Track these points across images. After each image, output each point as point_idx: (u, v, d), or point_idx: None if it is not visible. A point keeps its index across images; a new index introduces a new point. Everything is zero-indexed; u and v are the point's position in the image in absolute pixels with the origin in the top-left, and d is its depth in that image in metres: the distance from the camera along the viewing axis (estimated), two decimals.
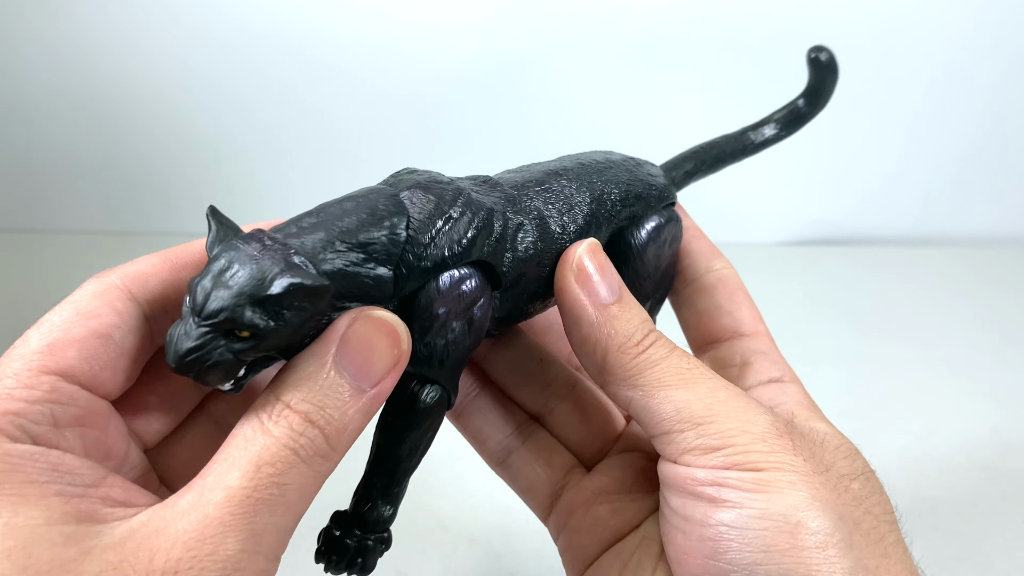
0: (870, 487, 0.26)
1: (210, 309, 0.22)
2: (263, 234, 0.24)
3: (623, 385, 0.27)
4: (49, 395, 0.22)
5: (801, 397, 0.30)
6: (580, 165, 0.32)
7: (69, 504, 0.20)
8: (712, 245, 0.35)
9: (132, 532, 0.20)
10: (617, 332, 0.27)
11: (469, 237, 0.27)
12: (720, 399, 0.26)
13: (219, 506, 0.21)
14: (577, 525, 0.32)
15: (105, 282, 0.24)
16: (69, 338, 0.22)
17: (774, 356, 0.32)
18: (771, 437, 0.26)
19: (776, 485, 0.24)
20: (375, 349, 0.24)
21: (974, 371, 0.70)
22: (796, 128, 0.38)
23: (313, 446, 0.22)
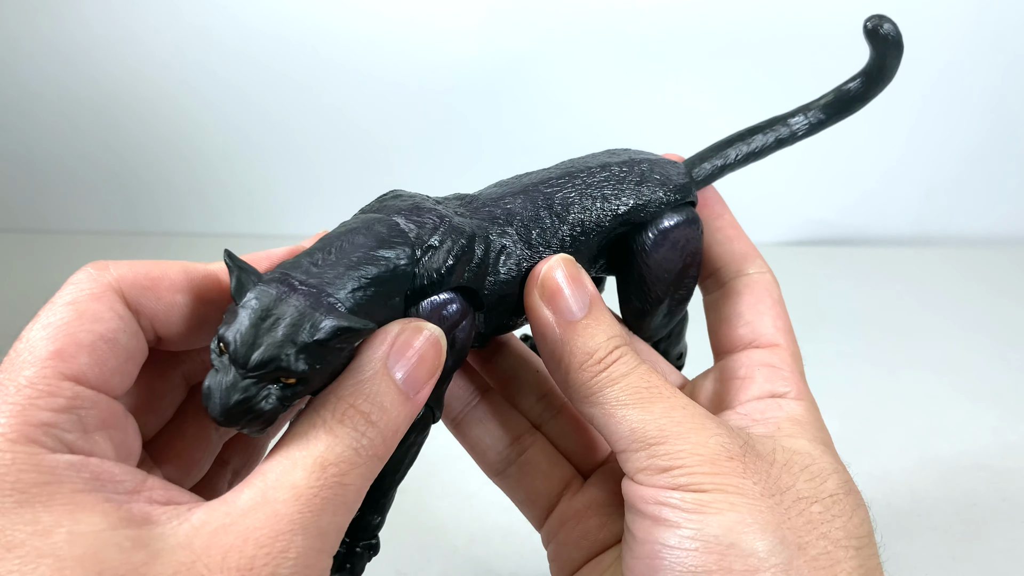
0: (836, 510, 0.25)
1: (257, 360, 0.22)
2: (288, 276, 0.24)
3: (584, 402, 0.28)
4: (73, 401, 0.21)
5: (799, 413, 0.29)
6: (568, 173, 0.32)
7: (122, 510, 0.20)
8: (751, 247, 0.34)
9: (196, 531, 0.20)
10: (579, 349, 0.27)
11: (448, 265, 0.27)
12: (674, 419, 0.26)
13: (288, 504, 0.21)
14: (566, 538, 0.32)
15: (102, 282, 0.24)
16: (77, 343, 0.22)
17: (785, 370, 0.31)
18: (720, 459, 0.25)
19: (715, 506, 0.24)
20: (424, 360, 0.25)
21: (974, 371, 0.70)
22: (848, 113, 0.35)
23: (372, 447, 0.23)
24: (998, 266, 0.91)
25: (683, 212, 0.32)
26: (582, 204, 0.31)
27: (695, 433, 0.26)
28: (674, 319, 0.35)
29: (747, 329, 0.32)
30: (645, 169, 0.32)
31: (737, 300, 0.33)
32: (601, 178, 0.32)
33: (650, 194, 0.32)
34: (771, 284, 0.33)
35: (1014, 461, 0.58)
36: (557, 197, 0.31)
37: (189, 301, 0.25)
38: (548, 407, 0.34)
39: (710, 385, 0.33)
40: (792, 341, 0.32)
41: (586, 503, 0.32)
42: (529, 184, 0.31)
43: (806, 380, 0.31)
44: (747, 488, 0.25)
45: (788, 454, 0.27)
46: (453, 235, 0.27)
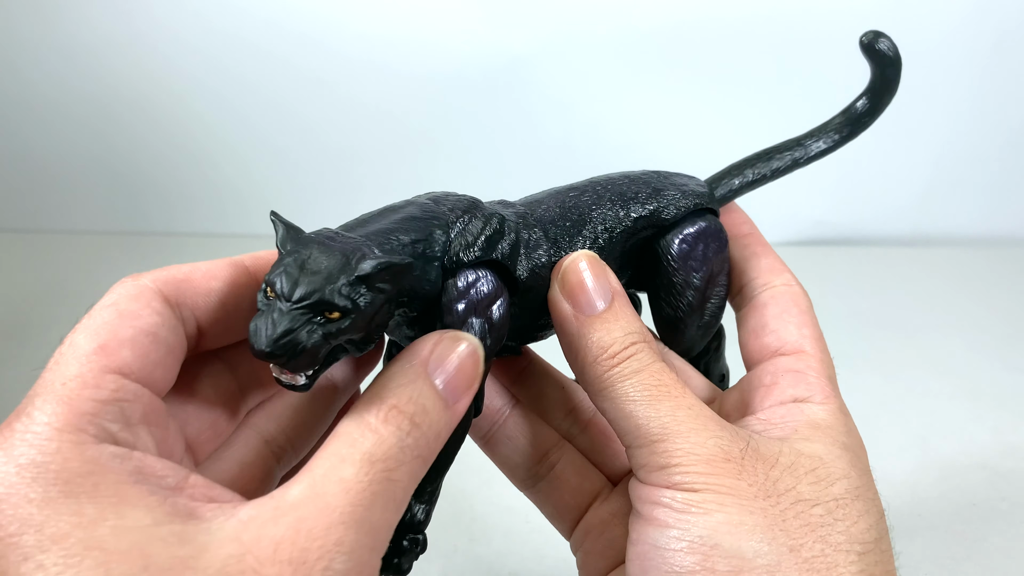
0: (840, 514, 0.25)
1: (301, 292, 0.22)
2: (330, 230, 0.25)
3: (597, 396, 0.28)
4: (116, 393, 0.21)
5: (821, 416, 0.28)
6: (591, 183, 0.33)
7: (167, 504, 0.20)
8: (777, 261, 0.34)
9: (244, 525, 0.20)
10: (594, 343, 0.28)
11: (484, 238, 0.28)
12: (678, 418, 0.26)
13: (338, 496, 0.21)
14: (591, 547, 0.32)
15: (139, 285, 0.24)
16: (120, 338, 0.22)
17: (811, 376, 0.30)
18: (716, 459, 0.25)
19: (704, 506, 0.24)
20: (463, 369, 0.25)
21: (974, 371, 0.70)
22: (860, 131, 0.36)
23: (417, 447, 0.23)
24: (998, 266, 0.91)
25: (705, 218, 0.33)
26: (604, 207, 0.32)
27: (695, 433, 0.26)
28: (710, 331, 0.35)
29: (773, 338, 0.32)
30: (665, 178, 0.34)
31: (763, 311, 0.33)
32: (622, 184, 0.33)
33: (669, 198, 0.33)
34: (799, 295, 0.33)
35: (1014, 461, 0.58)
36: (582, 199, 0.32)
37: (223, 287, 0.25)
38: (576, 421, 0.35)
39: (736, 395, 0.32)
40: (821, 348, 0.31)
41: (612, 512, 0.32)
42: (554, 192, 0.33)
43: (836, 385, 0.31)
44: (740, 488, 0.25)
45: (794, 456, 0.26)
46: (485, 214, 0.28)
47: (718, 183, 0.36)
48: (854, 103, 0.35)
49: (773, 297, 0.33)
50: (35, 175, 0.99)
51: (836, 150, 0.36)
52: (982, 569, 0.49)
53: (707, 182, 0.35)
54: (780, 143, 0.36)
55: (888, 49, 0.34)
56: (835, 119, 0.36)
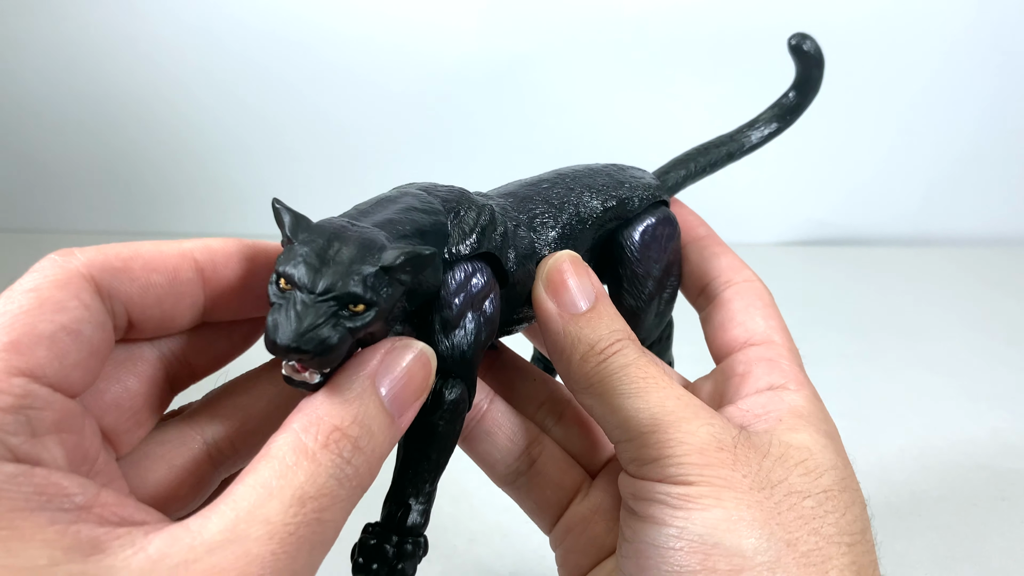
0: (830, 506, 0.25)
1: (326, 284, 0.21)
2: (337, 219, 0.24)
3: (584, 393, 0.28)
4: (22, 400, 0.19)
5: (800, 404, 0.29)
6: (558, 175, 0.34)
7: (67, 535, 0.18)
8: (736, 259, 0.35)
9: (153, 565, 0.18)
10: (580, 341, 0.28)
11: (480, 229, 0.28)
12: (667, 409, 0.26)
13: (260, 542, 0.19)
14: (573, 544, 0.32)
15: (68, 269, 0.21)
16: (36, 334, 0.19)
17: (782, 364, 0.30)
18: (709, 449, 0.25)
19: (702, 501, 0.24)
20: (413, 379, 0.23)
21: (974, 371, 0.70)
22: (791, 121, 0.38)
23: (358, 476, 0.21)
24: (998, 266, 0.91)
25: (660, 210, 0.35)
26: (575, 197, 0.33)
27: (686, 422, 0.26)
28: (664, 319, 0.36)
29: (740, 330, 0.32)
30: (622, 171, 0.35)
31: (728, 306, 0.33)
32: (588, 177, 0.34)
33: (632, 189, 0.34)
34: (761, 290, 0.33)
35: (1014, 461, 0.58)
36: (554, 191, 0.32)
37: (164, 281, 0.23)
38: (550, 413, 0.34)
39: (710, 386, 0.32)
40: (787, 338, 0.32)
41: (592, 508, 0.32)
42: (524, 184, 0.33)
43: (805, 373, 0.31)
44: (736, 481, 0.24)
45: (784, 448, 0.26)
46: (476, 206, 0.28)
47: (665, 176, 0.37)
48: (782, 98, 0.38)
49: (737, 293, 0.33)
50: (35, 175, 0.99)
51: (769, 141, 0.38)
52: (982, 569, 0.49)
53: (655, 175, 0.37)
54: (717, 137, 0.38)
55: (812, 50, 0.36)
56: (765, 113, 0.38)
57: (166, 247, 0.23)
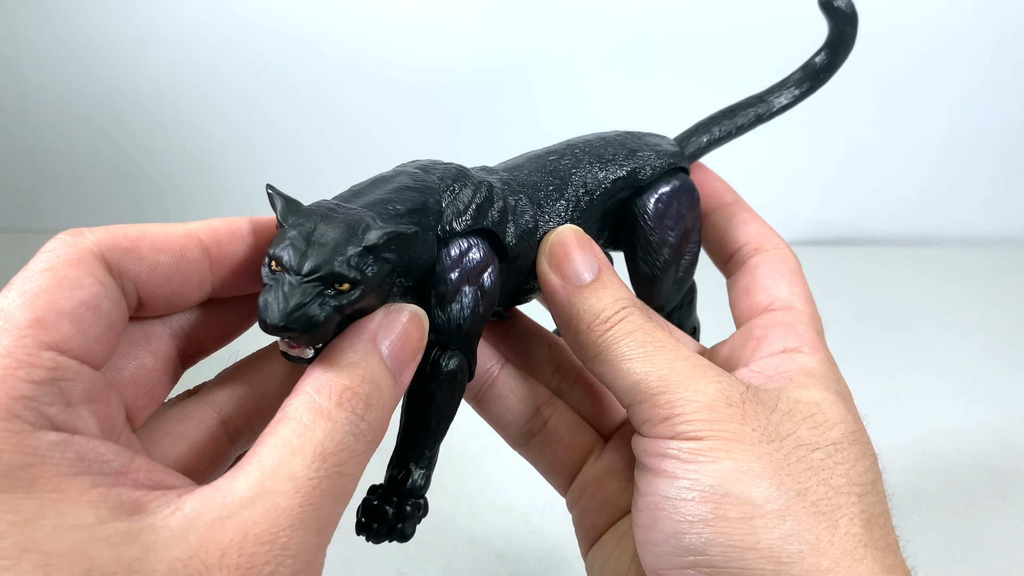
0: (839, 457, 0.26)
1: (311, 265, 0.22)
2: (329, 202, 0.25)
3: (593, 362, 0.28)
4: (53, 373, 0.20)
5: (811, 365, 0.29)
6: (567, 146, 0.34)
7: (110, 496, 0.19)
8: (765, 226, 0.35)
9: (191, 522, 0.19)
10: (586, 311, 0.28)
11: (475, 206, 0.28)
12: (676, 369, 0.27)
13: (288, 496, 0.20)
14: (587, 504, 0.32)
15: (80, 248, 0.22)
16: (59, 310, 0.20)
17: (799, 328, 0.31)
18: (718, 405, 0.26)
19: (712, 454, 0.25)
20: (410, 338, 0.25)
21: (974, 371, 0.70)
22: (822, 81, 0.37)
23: (371, 431, 0.22)
24: (998, 266, 0.91)
25: (678, 177, 0.34)
26: (583, 169, 0.32)
27: (694, 381, 0.26)
28: (683, 286, 0.36)
29: (763, 295, 0.33)
30: (638, 139, 0.35)
31: (754, 272, 0.34)
32: (598, 147, 0.33)
33: (644, 158, 0.34)
34: (788, 257, 0.34)
35: (1014, 461, 0.58)
36: (562, 163, 0.32)
37: (172, 260, 0.24)
38: (564, 378, 0.35)
39: (727, 350, 0.33)
40: (810, 305, 0.32)
41: (605, 468, 0.32)
42: (532, 156, 0.33)
43: (824, 340, 0.31)
44: (744, 434, 0.25)
45: (792, 403, 0.27)
46: (472, 183, 0.29)
47: (687, 141, 0.37)
48: (813, 58, 0.36)
49: (765, 259, 0.34)
50: (35, 175, 0.99)
51: (797, 104, 0.37)
52: (982, 569, 0.49)
53: (676, 140, 0.36)
54: (743, 100, 0.37)
55: (844, 5, 0.35)
56: (795, 74, 0.37)
57: (171, 228, 0.25)
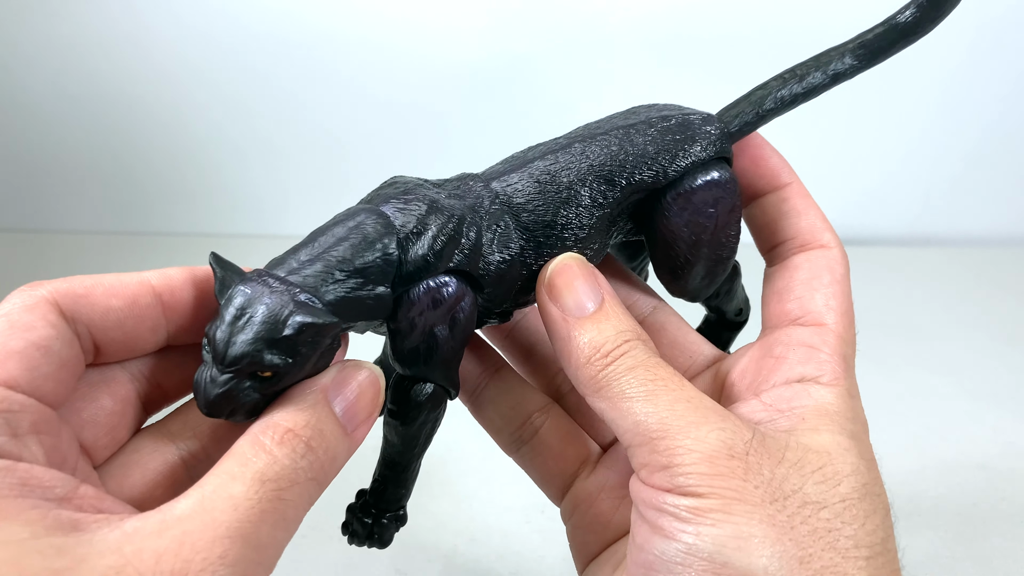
0: (847, 516, 0.24)
1: (232, 356, 0.23)
2: (266, 275, 0.25)
3: (593, 397, 0.27)
4: (1, 404, 0.21)
5: (828, 401, 0.27)
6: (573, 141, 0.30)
7: (48, 517, 0.20)
8: (818, 219, 0.32)
9: (128, 536, 0.20)
10: (586, 344, 0.27)
11: (435, 250, 0.27)
12: (677, 412, 0.25)
13: (226, 512, 0.21)
14: (579, 521, 0.32)
15: (35, 295, 0.23)
16: (8, 350, 0.22)
17: (824, 352, 0.28)
18: (720, 458, 0.24)
19: (711, 516, 0.23)
20: (363, 397, 0.25)
21: (974, 371, 0.70)
22: (899, 47, 0.31)
23: (311, 470, 0.23)
24: (998, 266, 0.91)
25: (710, 170, 0.30)
26: (587, 182, 0.29)
27: (696, 428, 0.25)
28: (716, 279, 0.33)
29: (795, 304, 0.30)
30: (666, 123, 0.30)
31: (793, 274, 0.31)
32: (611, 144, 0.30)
33: (670, 157, 0.30)
34: (835, 261, 0.31)
35: (1014, 461, 0.58)
36: (562, 175, 0.29)
37: (124, 305, 0.25)
38: (565, 380, 0.34)
39: (744, 362, 0.31)
40: (845, 323, 0.30)
41: (598, 485, 0.32)
42: (532, 158, 0.30)
43: (852, 365, 0.29)
44: (747, 492, 0.24)
45: (801, 452, 0.25)
46: (440, 219, 0.27)
47: (735, 114, 0.31)
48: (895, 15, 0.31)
49: (807, 260, 0.31)
50: (35, 175, 0.99)
51: (865, 70, 0.32)
52: (982, 569, 0.48)
53: (720, 113, 0.32)
54: (801, 63, 0.32)
55: None
56: (870, 31, 0.31)
57: (126, 277, 0.26)
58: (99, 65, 0.91)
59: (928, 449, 0.59)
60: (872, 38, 0.31)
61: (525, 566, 0.49)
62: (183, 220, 1.00)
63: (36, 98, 0.94)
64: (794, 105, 0.32)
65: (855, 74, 0.32)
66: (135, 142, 0.96)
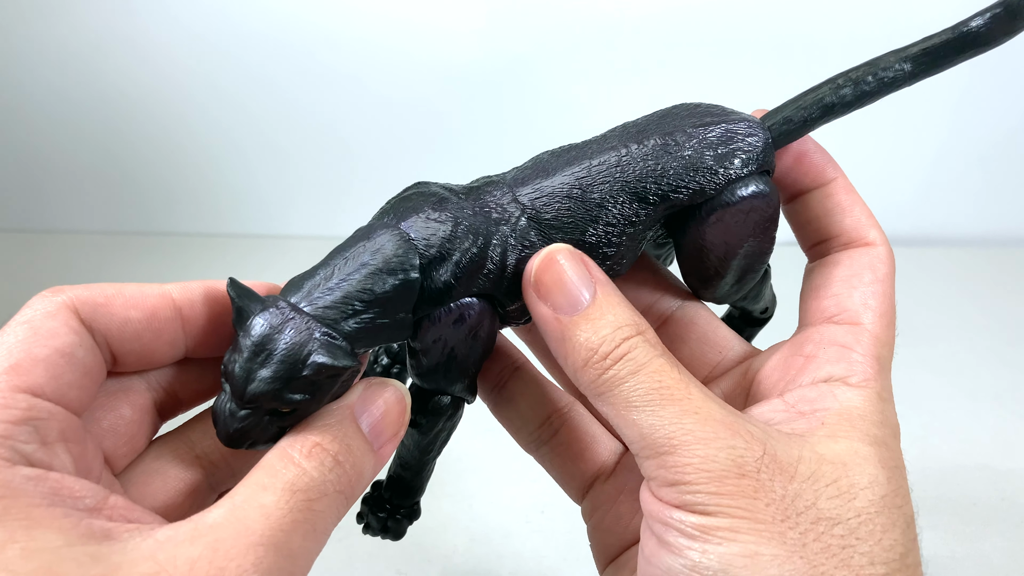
0: (863, 532, 0.23)
1: (251, 394, 0.23)
2: (285, 305, 0.24)
3: (596, 401, 0.26)
4: (28, 412, 0.21)
5: (853, 404, 0.26)
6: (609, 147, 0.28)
7: (81, 525, 0.20)
8: (864, 215, 0.30)
9: (160, 545, 0.20)
10: (581, 346, 0.25)
11: (457, 277, 0.26)
12: (684, 427, 0.24)
13: (258, 521, 0.21)
14: (599, 522, 0.31)
15: (56, 302, 0.23)
16: (33, 357, 0.22)
17: (856, 352, 0.27)
18: (729, 477, 0.23)
19: (719, 534, 0.23)
20: (389, 415, 0.26)
21: (974, 371, 0.70)
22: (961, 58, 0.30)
23: (339, 482, 0.23)
24: (998, 266, 0.91)
25: (750, 184, 0.28)
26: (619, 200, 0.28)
27: (704, 444, 0.23)
28: (744, 287, 0.32)
29: (832, 301, 0.29)
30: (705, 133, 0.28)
31: (832, 270, 0.29)
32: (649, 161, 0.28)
33: (709, 173, 0.28)
34: (880, 259, 0.29)
35: (1014, 461, 0.58)
36: (593, 194, 0.27)
37: (142, 318, 0.25)
38: None
39: (774, 360, 0.29)
40: (883, 324, 0.28)
41: (618, 487, 0.31)
42: (563, 165, 0.28)
43: (887, 367, 0.28)
44: (757, 510, 0.23)
45: (815, 464, 0.24)
46: (465, 243, 0.26)
47: (782, 118, 0.29)
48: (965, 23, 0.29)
49: (849, 257, 0.30)
50: (35, 175, 0.99)
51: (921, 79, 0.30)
52: (982, 569, 0.48)
53: (766, 118, 0.29)
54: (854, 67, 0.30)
55: None
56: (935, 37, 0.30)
57: (148, 288, 0.26)
58: (99, 65, 0.91)
59: (928, 449, 0.59)
60: (938, 45, 0.29)
61: (525, 566, 0.49)
62: (183, 220, 0.99)
63: (36, 98, 0.94)
64: (845, 112, 0.30)
65: (912, 82, 0.30)
66: (135, 142, 0.96)
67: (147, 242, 0.97)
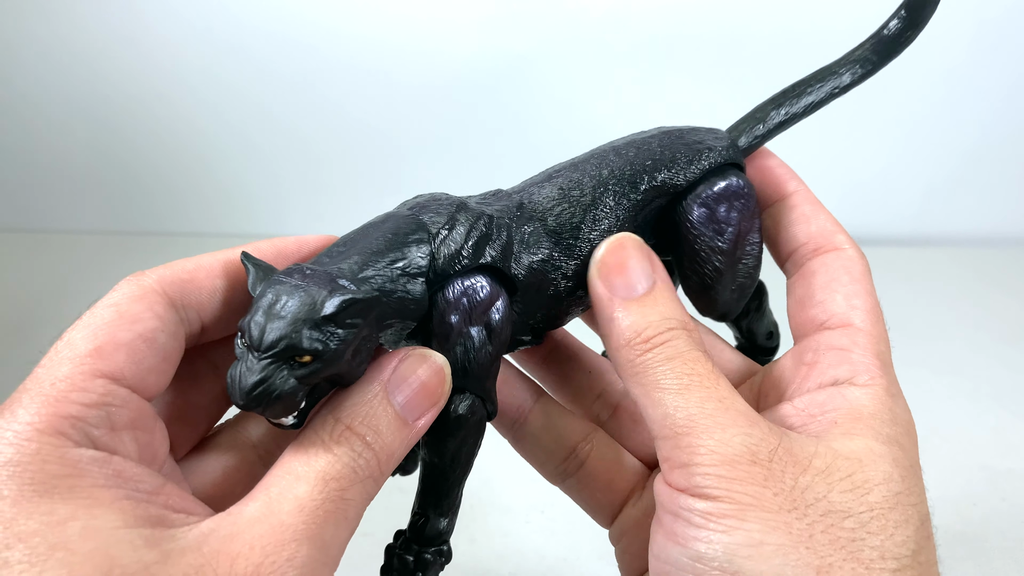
0: (874, 526, 0.23)
1: (269, 340, 0.22)
2: (301, 266, 0.25)
3: (629, 381, 0.27)
4: (103, 398, 0.22)
5: (863, 403, 0.26)
6: (593, 155, 0.31)
7: (138, 508, 0.21)
8: (829, 221, 0.32)
9: (205, 537, 0.21)
10: (628, 328, 0.26)
11: (472, 244, 0.27)
12: (706, 411, 0.24)
13: (292, 515, 0.21)
14: (628, 546, 0.31)
15: (143, 285, 0.24)
16: (116, 341, 0.22)
17: (855, 352, 0.28)
18: (740, 462, 0.23)
19: (723, 522, 0.23)
20: (424, 386, 0.25)
21: (974, 371, 0.70)
22: (889, 58, 0.33)
23: (369, 467, 0.24)
24: (998, 266, 0.91)
25: (727, 176, 0.31)
26: (608, 185, 0.30)
27: (722, 429, 0.24)
28: (745, 292, 0.33)
29: (819, 310, 0.29)
30: (677, 139, 0.32)
31: (811, 280, 0.30)
32: (627, 155, 0.31)
33: (682, 162, 0.31)
34: (851, 261, 0.30)
35: (1014, 461, 0.58)
36: (584, 181, 0.30)
37: (227, 284, 0.26)
38: (605, 405, 0.34)
39: (779, 371, 0.30)
40: (872, 320, 0.29)
41: (644, 512, 0.31)
42: (554, 172, 0.31)
43: (888, 362, 0.29)
44: (764, 499, 0.23)
45: (830, 459, 0.24)
46: (471, 216, 0.28)
47: (741, 131, 0.33)
48: (882, 27, 0.33)
49: (823, 264, 0.31)
50: (35, 175, 0.99)
51: (862, 82, 0.34)
52: (982, 569, 0.49)
53: (729, 131, 0.33)
54: (803, 78, 0.34)
55: None
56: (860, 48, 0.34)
57: (222, 255, 0.26)
58: (99, 65, 0.91)
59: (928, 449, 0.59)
60: (863, 53, 0.33)
61: (525, 566, 0.49)
62: (183, 220, 1.00)
63: (36, 98, 0.94)
64: (797, 120, 0.33)
65: (855, 85, 0.34)
66: (135, 142, 0.96)
67: (147, 242, 0.97)
